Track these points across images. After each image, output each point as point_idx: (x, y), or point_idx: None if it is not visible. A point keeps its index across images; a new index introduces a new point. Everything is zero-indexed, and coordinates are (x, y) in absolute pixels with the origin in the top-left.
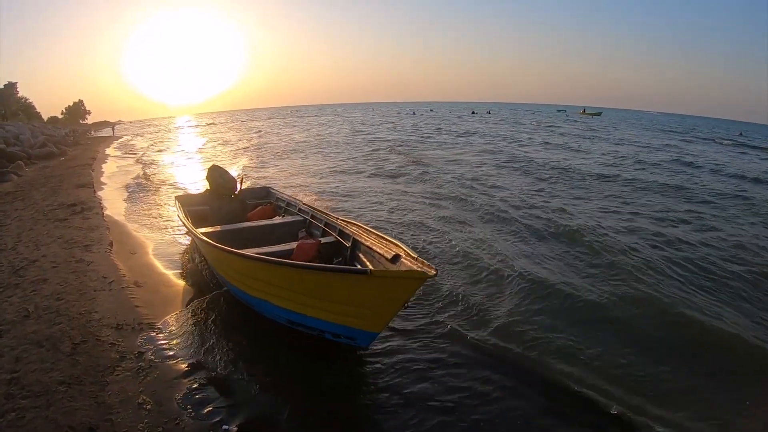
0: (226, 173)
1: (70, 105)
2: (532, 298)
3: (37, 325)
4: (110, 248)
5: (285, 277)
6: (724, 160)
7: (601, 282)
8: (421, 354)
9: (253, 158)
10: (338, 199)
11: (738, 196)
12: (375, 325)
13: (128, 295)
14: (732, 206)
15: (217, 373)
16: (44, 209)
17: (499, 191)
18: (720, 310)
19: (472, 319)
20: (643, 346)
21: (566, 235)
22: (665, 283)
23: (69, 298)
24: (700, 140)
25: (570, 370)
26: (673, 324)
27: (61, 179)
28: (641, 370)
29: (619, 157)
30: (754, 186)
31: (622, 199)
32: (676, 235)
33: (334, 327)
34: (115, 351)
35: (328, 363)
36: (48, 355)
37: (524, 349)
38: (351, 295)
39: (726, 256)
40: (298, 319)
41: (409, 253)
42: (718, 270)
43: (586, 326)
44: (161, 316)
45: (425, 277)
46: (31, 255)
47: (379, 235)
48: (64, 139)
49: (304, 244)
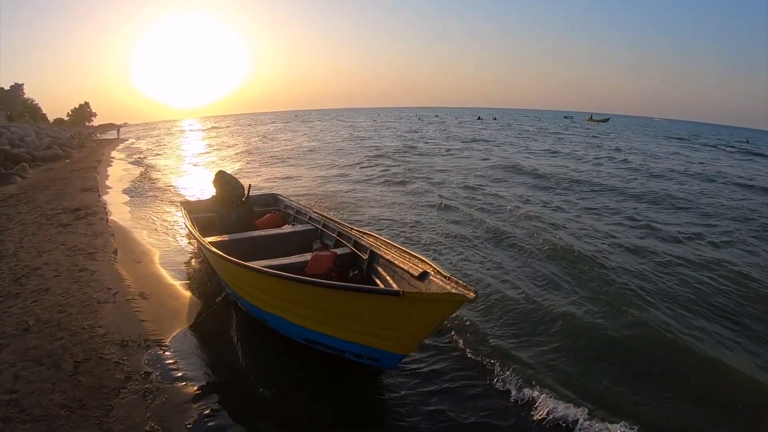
0: (234, 179)
1: (76, 107)
2: (544, 324)
3: (38, 339)
4: (115, 256)
5: (306, 295)
6: (739, 171)
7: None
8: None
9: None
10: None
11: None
12: (403, 347)
13: (133, 307)
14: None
15: (230, 396)
16: (47, 213)
17: (498, 199)
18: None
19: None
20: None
21: (575, 258)
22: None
23: (71, 310)
24: (719, 149)
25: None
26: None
27: (66, 182)
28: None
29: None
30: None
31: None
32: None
33: (357, 347)
34: (120, 371)
35: (349, 383)
36: (49, 375)
37: (533, 375)
38: (380, 315)
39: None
40: (317, 338)
41: (438, 271)
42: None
43: (597, 359)
44: (169, 332)
45: (463, 301)
46: (32, 262)
47: (400, 248)
48: (69, 142)
49: (319, 256)
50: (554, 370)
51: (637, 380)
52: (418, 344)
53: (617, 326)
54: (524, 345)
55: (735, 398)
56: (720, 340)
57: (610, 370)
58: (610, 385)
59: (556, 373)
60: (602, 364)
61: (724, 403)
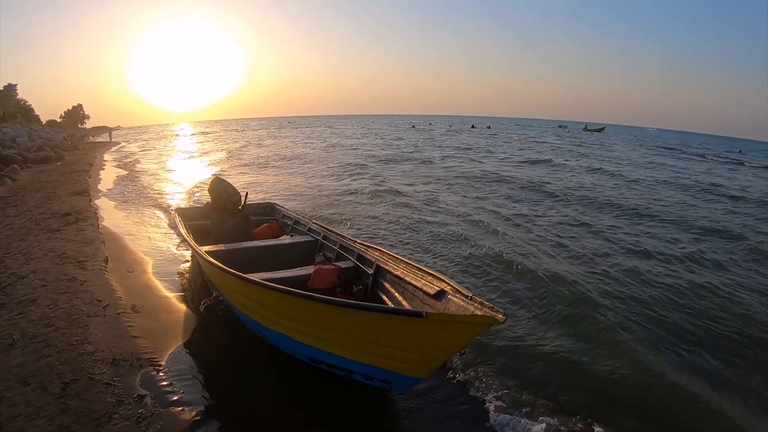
0: (230, 186)
1: (69, 109)
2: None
3: (23, 356)
4: (105, 265)
5: (313, 312)
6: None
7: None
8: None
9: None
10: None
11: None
12: (420, 370)
13: (125, 322)
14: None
15: (231, 423)
16: (37, 218)
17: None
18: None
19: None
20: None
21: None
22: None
23: (59, 324)
24: (717, 160)
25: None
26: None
27: (57, 185)
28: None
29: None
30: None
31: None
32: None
33: (368, 368)
34: (111, 393)
35: (358, 405)
36: (34, 397)
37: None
38: (398, 337)
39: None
40: (322, 357)
41: (458, 289)
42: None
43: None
44: (163, 349)
45: (492, 324)
46: (20, 270)
47: (410, 263)
48: (62, 143)
49: (322, 270)
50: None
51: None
52: (435, 368)
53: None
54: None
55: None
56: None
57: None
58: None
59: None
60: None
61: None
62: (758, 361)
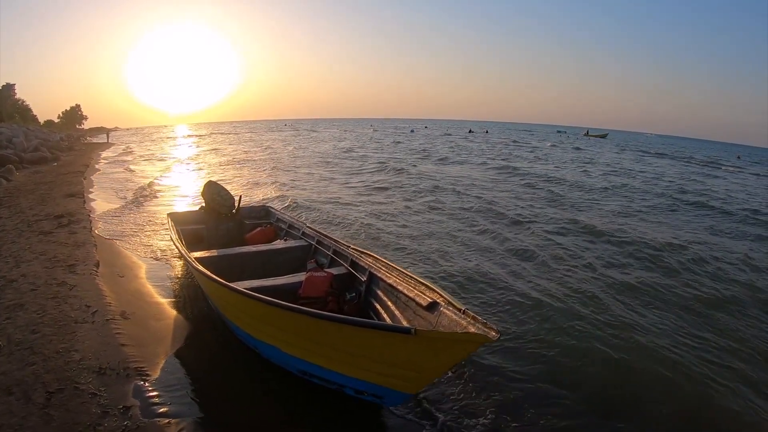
0: (224, 190)
1: (67, 109)
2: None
3: (8, 363)
4: (96, 269)
5: (301, 325)
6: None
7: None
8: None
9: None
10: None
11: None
12: (411, 387)
13: (113, 329)
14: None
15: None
16: (29, 220)
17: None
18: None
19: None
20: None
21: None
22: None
23: (46, 331)
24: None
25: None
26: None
27: (51, 186)
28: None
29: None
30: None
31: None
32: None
33: (359, 383)
34: (96, 404)
35: (351, 419)
36: (17, 407)
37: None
38: (386, 353)
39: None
40: (313, 371)
41: (450, 302)
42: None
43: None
44: (152, 359)
45: (484, 342)
46: (9, 273)
47: (403, 271)
48: (58, 144)
49: (314, 278)
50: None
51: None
52: (428, 383)
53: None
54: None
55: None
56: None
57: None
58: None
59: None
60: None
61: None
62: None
